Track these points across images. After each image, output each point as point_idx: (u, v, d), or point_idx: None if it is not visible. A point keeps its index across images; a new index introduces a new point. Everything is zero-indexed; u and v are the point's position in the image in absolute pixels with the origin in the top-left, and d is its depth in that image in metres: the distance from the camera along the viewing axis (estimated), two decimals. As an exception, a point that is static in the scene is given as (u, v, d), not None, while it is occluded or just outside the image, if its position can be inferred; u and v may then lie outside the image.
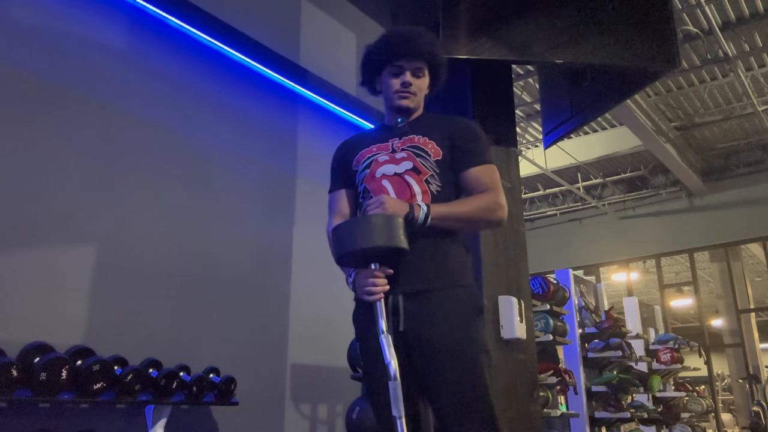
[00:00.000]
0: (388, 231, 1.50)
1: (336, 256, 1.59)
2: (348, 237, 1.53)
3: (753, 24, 6.57)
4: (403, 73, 1.78)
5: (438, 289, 1.63)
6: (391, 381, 1.44)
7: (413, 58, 1.78)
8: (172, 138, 3.71)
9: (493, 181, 1.73)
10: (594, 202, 10.61)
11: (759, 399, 8.03)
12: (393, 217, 1.53)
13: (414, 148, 1.75)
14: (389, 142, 1.80)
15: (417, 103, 1.83)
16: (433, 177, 1.71)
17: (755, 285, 13.72)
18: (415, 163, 1.72)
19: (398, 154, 1.75)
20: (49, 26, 3.23)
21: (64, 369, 2.61)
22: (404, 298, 1.62)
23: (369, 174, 1.77)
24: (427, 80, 1.84)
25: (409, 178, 1.71)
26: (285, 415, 4.00)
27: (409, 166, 1.72)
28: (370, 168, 1.77)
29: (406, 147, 1.76)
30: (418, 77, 1.80)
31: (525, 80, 7.56)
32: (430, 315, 1.60)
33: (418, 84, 1.80)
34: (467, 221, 1.69)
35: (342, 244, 1.55)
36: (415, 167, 1.72)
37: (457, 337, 1.59)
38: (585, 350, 5.21)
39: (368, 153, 1.80)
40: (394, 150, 1.77)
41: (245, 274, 3.95)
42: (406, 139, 1.78)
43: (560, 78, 3.65)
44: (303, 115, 4.67)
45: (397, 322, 1.61)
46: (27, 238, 2.93)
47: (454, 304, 1.62)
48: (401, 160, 1.74)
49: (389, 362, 1.45)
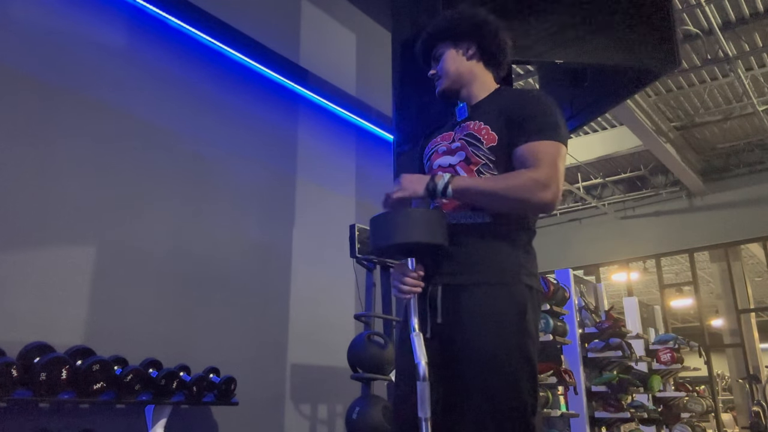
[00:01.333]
0: (426, 226, 1.44)
1: (372, 247, 1.52)
2: (385, 230, 1.47)
3: (753, 24, 6.57)
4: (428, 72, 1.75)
5: (473, 284, 1.47)
6: (420, 381, 1.38)
7: (426, 56, 1.74)
8: (172, 138, 3.71)
9: (547, 157, 1.48)
10: (594, 202, 10.61)
11: (759, 399, 8.03)
12: (433, 211, 1.48)
13: (468, 137, 1.59)
14: (453, 131, 1.67)
15: (451, 80, 1.69)
16: (486, 166, 1.54)
17: (755, 285, 13.71)
18: (467, 152, 1.57)
19: (454, 143, 1.62)
20: (49, 26, 3.23)
21: (64, 369, 2.61)
22: (443, 289, 1.50)
23: (429, 167, 1.68)
24: (448, 54, 1.69)
25: (459, 169, 1.57)
26: (285, 415, 4.00)
27: (462, 157, 1.58)
28: (430, 160, 1.68)
29: (462, 135, 1.61)
30: (438, 60, 1.71)
31: (525, 80, 7.56)
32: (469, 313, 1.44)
33: (440, 66, 1.70)
34: (497, 199, 1.46)
35: (379, 236, 1.48)
36: (467, 157, 1.57)
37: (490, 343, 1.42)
38: (585, 350, 5.21)
39: (433, 144, 1.70)
40: (453, 139, 1.64)
41: (245, 274, 3.95)
42: (464, 125, 1.63)
43: (560, 78, 3.65)
44: (303, 115, 4.67)
45: (435, 315, 1.49)
46: (27, 239, 2.93)
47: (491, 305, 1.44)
48: (456, 150, 1.60)
49: (419, 362, 1.38)
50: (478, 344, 1.42)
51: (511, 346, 1.42)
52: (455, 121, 1.69)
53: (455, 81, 1.68)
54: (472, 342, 1.42)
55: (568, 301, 4.49)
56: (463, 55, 1.68)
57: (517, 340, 1.42)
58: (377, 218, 1.50)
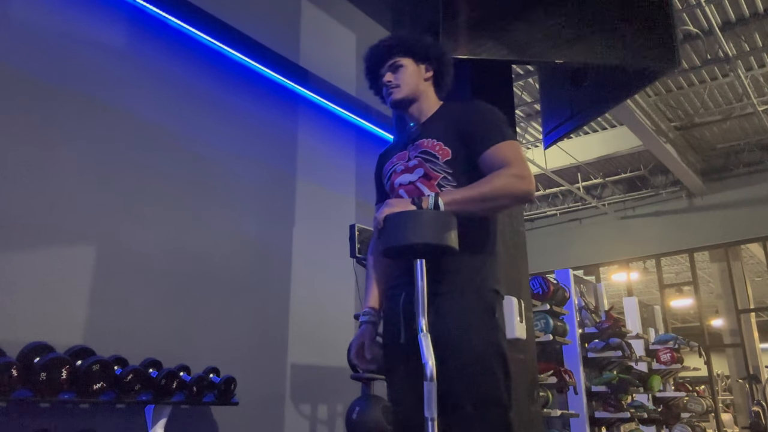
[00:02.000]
0: (439, 228, 1.45)
1: (383, 248, 1.53)
2: (395, 231, 1.47)
3: (753, 24, 6.57)
4: (382, 78, 1.83)
5: (447, 292, 1.59)
6: (427, 381, 1.39)
7: (384, 60, 1.82)
8: (172, 138, 3.71)
9: (512, 155, 1.61)
10: (594, 202, 10.61)
11: (759, 399, 8.03)
12: (444, 214, 1.49)
13: (423, 154, 1.72)
14: (407, 150, 1.80)
15: (409, 91, 1.80)
16: (445, 179, 1.68)
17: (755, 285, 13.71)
18: (425, 169, 1.70)
19: (411, 162, 1.75)
20: (49, 26, 3.23)
21: (64, 369, 2.62)
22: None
23: (390, 185, 1.80)
24: (409, 68, 1.81)
25: (420, 185, 1.70)
26: (285, 415, 4.00)
27: (420, 173, 1.71)
28: (390, 180, 1.80)
29: (417, 153, 1.74)
30: (396, 70, 1.81)
31: (525, 80, 7.56)
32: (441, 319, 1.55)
33: (398, 76, 1.80)
34: (487, 200, 1.57)
35: (388, 237, 1.49)
36: (425, 173, 1.70)
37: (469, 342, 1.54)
38: (585, 350, 5.21)
39: (390, 165, 1.82)
40: (409, 158, 1.76)
41: (245, 274, 3.95)
42: (417, 143, 1.76)
43: (560, 78, 3.65)
44: (303, 115, 4.67)
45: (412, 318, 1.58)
46: (27, 239, 2.93)
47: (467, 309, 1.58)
48: (414, 167, 1.73)
49: (426, 362, 1.40)
50: (457, 342, 1.54)
51: (486, 342, 1.56)
52: (406, 140, 1.82)
53: (410, 94, 1.81)
54: (451, 341, 1.54)
55: (568, 301, 4.50)
56: (422, 73, 1.83)
57: (491, 337, 1.58)
58: (388, 219, 1.51)
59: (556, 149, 8.60)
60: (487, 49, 3.09)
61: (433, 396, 1.38)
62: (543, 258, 10.23)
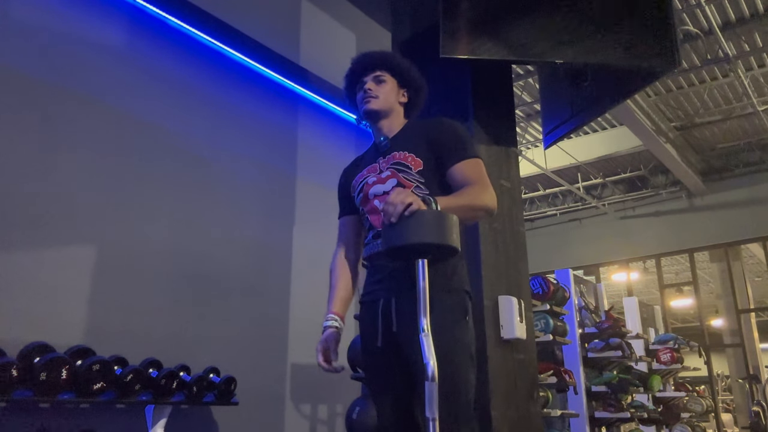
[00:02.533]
0: (442, 228, 1.46)
1: (385, 248, 1.53)
2: (398, 230, 1.47)
3: (753, 24, 6.57)
4: (363, 84, 1.92)
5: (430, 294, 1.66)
6: (428, 381, 1.39)
7: (371, 69, 1.93)
8: (172, 138, 3.71)
9: (479, 173, 1.77)
10: (594, 202, 10.61)
11: (759, 399, 8.03)
12: (446, 214, 1.50)
13: (396, 165, 1.83)
14: (377, 163, 1.89)
15: (384, 105, 1.90)
16: (418, 188, 1.78)
17: (755, 285, 13.71)
18: (399, 179, 1.80)
19: (383, 173, 1.84)
20: (49, 26, 3.23)
21: (64, 369, 2.61)
22: (396, 301, 1.71)
23: (363, 197, 1.88)
24: (390, 86, 1.92)
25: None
26: (285, 415, 4.00)
27: (393, 183, 1.80)
28: (363, 191, 1.87)
29: (389, 165, 1.84)
30: (380, 83, 1.92)
31: (525, 80, 7.56)
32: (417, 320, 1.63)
33: (379, 88, 1.91)
34: (468, 210, 1.69)
35: (391, 237, 1.49)
36: (399, 183, 1.79)
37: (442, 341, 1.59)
38: (585, 350, 5.21)
39: (360, 177, 1.91)
40: (380, 170, 1.86)
41: (245, 274, 3.95)
42: (389, 157, 1.86)
43: (560, 78, 3.65)
44: (303, 115, 4.67)
45: (391, 323, 1.71)
46: (27, 238, 2.93)
47: (441, 309, 1.66)
48: (386, 178, 1.83)
49: (427, 362, 1.41)
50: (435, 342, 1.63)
51: (458, 342, 1.67)
52: (375, 154, 1.93)
53: (384, 109, 1.91)
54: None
55: (568, 301, 4.49)
56: (400, 95, 1.95)
57: (462, 337, 1.69)
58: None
59: (556, 149, 8.60)
60: (487, 49, 3.09)
61: (435, 396, 1.38)
62: (543, 258, 10.23)
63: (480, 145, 3.19)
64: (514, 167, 3.42)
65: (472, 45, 3.10)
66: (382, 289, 1.76)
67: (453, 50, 3.05)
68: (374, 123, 1.94)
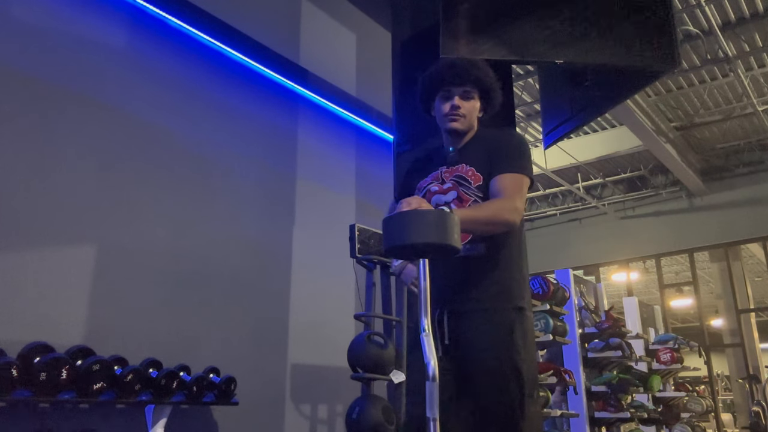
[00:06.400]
0: (442, 228, 1.46)
1: (385, 247, 1.53)
2: (399, 230, 1.48)
3: (753, 24, 6.57)
4: (452, 97, 1.90)
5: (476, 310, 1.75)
6: (429, 381, 1.39)
7: (461, 82, 1.90)
8: (172, 138, 3.71)
9: (513, 187, 1.78)
10: (594, 202, 10.61)
11: (759, 399, 8.03)
12: (447, 213, 1.50)
13: (458, 178, 1.87)
14: (439, 171, 1.93)
15: (468, 125, 1.92)
16: (476, 203, 1.82)
17: (755, 285, 13.71)
18: (459, 192, 1.84)
19: (445, 184, 1.88)
20: (49, 26, 3.23)
21: (64, 369, 2.61)
22: (448, 314, 1.75)
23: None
24: (477, 103, 1.93)
25: (453, 206, 1.82)
26: (285, 415, 4.00)
27: (454, 196, 1.84)
28: (426, 198, 1.88)
29: (452, 177, 1.88)
30: (468, 99, 1.91)
31: (525, 80, 7.56)
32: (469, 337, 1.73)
33: (467, 106, 1.90)
34: (485, 224, 1.71)
35: (393, 236, 1.49)
36: (459, 196, 1.83)
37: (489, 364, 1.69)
38: (585, 350, 5.21)
39: (425, 183, 1.94)
40: (443, 180, 1.90)
41: (245, 274, 3.95)
42: (453, 168, 1.90)
43: (560, 78, 3.65)
44: (303, 115, 4.67)
45: (443, 334, 1.75)
46: (27, 239, 2.93)
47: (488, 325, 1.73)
48: (447, 190, 1.87)
49: (428, 362, 1.41)
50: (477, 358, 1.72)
51: (502, 359, 1.70)
52: (441, 161, 1.94)
53: (468, 128, 1.93)
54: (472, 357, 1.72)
55: (568, 301, 4.50)
56: (478, 110, 1.95)
57: (507, 354, 1.71)
58: (390, 219, 1.51)
59: (556, 149, 8.60)
60: (487, 49, 3.09)
61: (435, 396, 1.38)
62: (543, 258, 10.24)
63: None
64: (514, 167, 3.41)
65: (472, 45, 3.10)
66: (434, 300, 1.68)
67: (453, 50, 3.05)
68: (453, 137, 1.95)
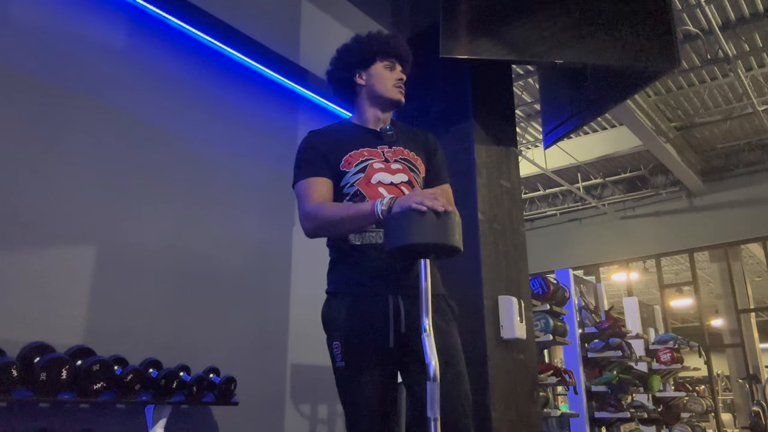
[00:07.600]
0: (444, 228, 1.46)
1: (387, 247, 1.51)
2: (401, 230, 1.47)
3: (753, 24, 6.57)
4: (395, 69, 1.90)
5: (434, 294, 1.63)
6: (430, 381, 1.39)
7: (406, 61, 1.93)
8: (172, 138, 3.71)
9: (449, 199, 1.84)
10: (594, 202, 10.61)
11: (759, 399, 8.03)
12: (452, 214, 1.50)
13: (407, 161, 1.84)
14: (378, 149, 1.83)
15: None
16: None
17: (755, 285, 13.72)
18: (410, 177, 1.81)
19: (393, 164, 1.81)
20: (49, 26, 3.23)
21: (64, 369, 2.61)
22: (403, 300, 1.69)
23: (364, 178, 1.77)
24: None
25: (405, 189, 1.77)
26: (285, 415, 4.00)
27: (404, 179, 1.79)
28: (365, 173, 1.77)
29: (398, 159, 1.83)
30: (406, 68, 1.95)
31: (525, 80, 7.57)
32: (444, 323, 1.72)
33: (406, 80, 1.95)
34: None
35: (395, 237, 1.48)
36: (409, 181, 1.80)
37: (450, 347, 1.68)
38: (585, 350, 5.21)
39: (359, 156, 1.80)
40: (387, 159, 1.82)
41: (245, 274, 3.95)
42: (396, 149, 1.84)
43: (560, 78, 3.65)
44: (303, 115, 4.67)
45: (400, 323, 1.66)
46: (27, 238, 2.93)
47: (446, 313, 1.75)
48: (396, 171, 1.80)
49: (429, 362, 1.40)
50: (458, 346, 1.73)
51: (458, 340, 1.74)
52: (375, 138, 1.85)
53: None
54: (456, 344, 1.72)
55: (568, 301, 4.50)
56: None
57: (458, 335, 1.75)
58: (391, 219, 1.51)
59: (556, 149, 8.61)
60: (487, 49, 3.09)
61: (437, 396, 1.39)
62: (543, 258, 10.24)
63: (480, 145, 3.19)
64: (514, 167, 3.42)
65: (472, 45, 3.11)
66: (383, 285, 1.69)
67: (453, 50, 3.05)
68: (386, 111, 1.91)
